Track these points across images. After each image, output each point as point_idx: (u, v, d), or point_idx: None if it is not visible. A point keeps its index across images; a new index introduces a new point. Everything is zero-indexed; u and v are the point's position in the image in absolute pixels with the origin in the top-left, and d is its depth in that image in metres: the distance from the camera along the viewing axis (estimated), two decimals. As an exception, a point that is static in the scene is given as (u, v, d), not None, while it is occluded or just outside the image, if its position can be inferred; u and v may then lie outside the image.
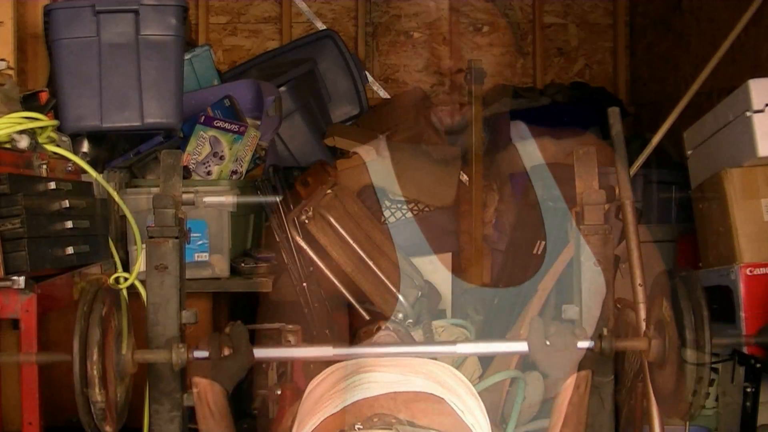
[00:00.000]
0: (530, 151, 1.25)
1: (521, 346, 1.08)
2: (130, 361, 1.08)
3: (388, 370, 1.10)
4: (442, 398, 1.05)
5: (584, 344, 1.08)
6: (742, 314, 1.77)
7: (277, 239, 1.21)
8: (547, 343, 1.07)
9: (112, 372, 1.02)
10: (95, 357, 0.98)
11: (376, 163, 1.21)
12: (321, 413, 1.04)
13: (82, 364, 0.98)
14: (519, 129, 1.27)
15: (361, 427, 0.96)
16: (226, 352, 1.09)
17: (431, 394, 1.04)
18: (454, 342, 1.11)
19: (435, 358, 1.15)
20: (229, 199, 1.30)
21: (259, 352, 1.11)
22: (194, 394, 1.10)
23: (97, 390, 0.97)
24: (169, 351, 1.09)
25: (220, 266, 1.95)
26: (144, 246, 1.20)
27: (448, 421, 1.02)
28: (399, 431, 0.94)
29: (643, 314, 1.26)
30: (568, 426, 1.04)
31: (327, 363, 1.17)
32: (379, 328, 1.22)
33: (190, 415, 1.19)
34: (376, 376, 1.08)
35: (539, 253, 1.26)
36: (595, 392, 1.17)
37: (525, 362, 1.21)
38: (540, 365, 1.12)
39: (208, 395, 1.09)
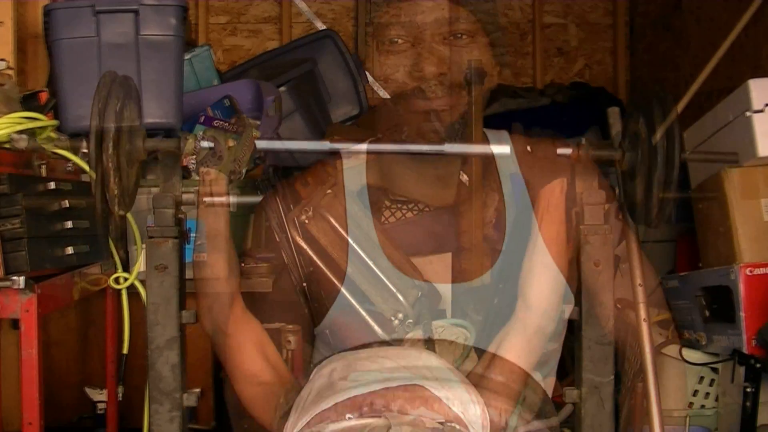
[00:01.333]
0: (509, 163, 1.26)
1: (504, 149, 1.13)
2: (141, 149, 1.08)
3: (380, 366, 1.10)
4: (437, 395, 1.05)
5: (564, 151, 1.10)
6: (742, 314, 1.77)
7: (277, 239, 1.21)
8: (528, 149, 1.11)
9: (125, 161, 1.03)
10: (110, 151, 0.99)
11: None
12: (313, 410, 1.04)
13: (98, 160, 0.99)
14: (500, 137, 1.28)
15: (351, 416, 0.96)
16: (231, 143, 1.12)
17: (423, 387, 1.05)
18: (441, 143, 1.15)
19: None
20: (229, 199, 1.30)
21: (261, 143, 1.14)
22: (200, 181, 1.11)
23: (112, 180, 0.98)
24: (177, 140, 1.10)
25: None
26: (144, 246, 1.20)
27: (439, 411, 1.02)
28: (388, 419, 0.95)
29: (643, 314, 1.26)
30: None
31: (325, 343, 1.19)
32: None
33: (190, 415, 1.19)
34: (368, 375, 1.08)
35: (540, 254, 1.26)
36: (595, 392, 1.17)
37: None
38: (523, 173, 1.18)
39: (213, 186, 1.10)
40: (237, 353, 1.20)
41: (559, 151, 1.13)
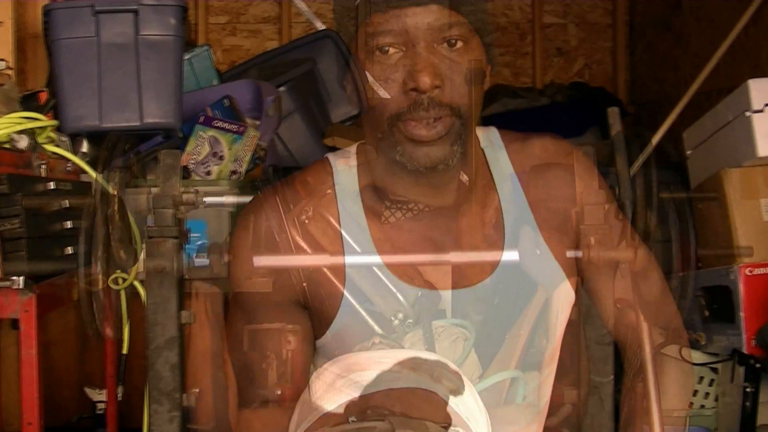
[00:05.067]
0: (503, 162, 1.25)
1: (513, 255, 1.10)
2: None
3: (382, 368, 1.10)
4: (436, 393, 1.05)
5: (573, 254, 1.09)
6: (742, 314, 1.77)
7: (277, 239, 1.21)
8: (538, 252, 1.08)
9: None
10: (100, 253, 0.98)
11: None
12: (316, 412, 1.04)
13: (87, 261, 0.97)
14: (490, 135, 1.25)
15: (354, 419, 0.96)
16: (226, 258, 1.09)
17: (426, 389, 1.05)
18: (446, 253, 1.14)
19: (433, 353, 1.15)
20: (229, 199, 1.30)
21: (259, 260, 1.12)
22: (192, 297, 1.10)
23: (100, 287, 0.97)
24: (171, 259, 1.09)
25: (220, 266, 1.95)
26: (143, 246, 1.20)
27: (443, 415, 1.02)
28: (392, 422, 0.94)
29: (642, 318, 1.26)
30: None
31: (327, 358, 1.18)
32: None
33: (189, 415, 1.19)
34: (370, 375, 1.08)
35: (539, 253, 1.26)
36: (595, 392, 1.17)
37: (525, 362, 1.21)
38: (530, 273, 1.13)
39: (207, 300, 1.09)
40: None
41: (569, 254, 1.10)
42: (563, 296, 1.20)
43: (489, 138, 1.26)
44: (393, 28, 1.07)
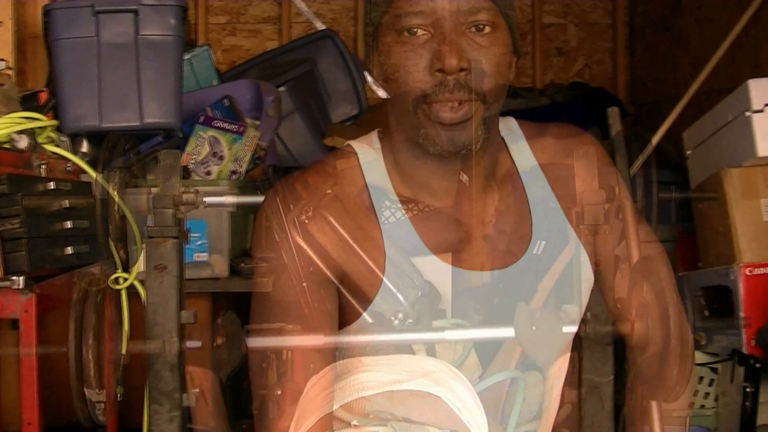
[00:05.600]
0: (523, 151, 1.25)
1: (508, 332, 1.09)
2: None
3: (383, 370, 1.09)
4: (439, 396, 1.05)
5: (570, 329, 1.08)
6: (742, 314, 1.77)
7: (277, 239, 1.21)
8: (534, 328, 1.07)
9: (109, 363, 1.01)
10: (90, 341, 0.97)
11: (376, 163, 1.21)
12: (317, 413, 1.04)
13: (77, 350, 0.97)
14: (509, 123, 1.25)
15: (356, 423, 0.96)
16: (219, 341, 1.09)
17: (427, 392, 1.04)
18: (442, 328, 1.12)
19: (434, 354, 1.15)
20: (229, 199, 1.30)
21: (252, 341, 1.11)
22: (188, 382, 1.10)
23: (92, 375, 0.97)
24: (162, 342, 1.09)
25: (220, 266, 1.95)
26: (143, 246, 1.20)
27: (445, 419, 1.02)
28: (394, 428, 0.94)
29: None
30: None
31: (327, 362, 1.17)
32: None
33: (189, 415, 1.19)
34: (371, 376, 1.08)
35: (539, 253, 1.26)
36: (595, 392, 1.17)
37: (525, 362, 1.21)
38: (527, 350, 1.12)
39: (202, 384, 1.08)
40: None
41: (566, 329, 1.08)
42: (587, 284, 1.20)
43: (508, 126, 1.26)
44: (422, 9, 1.08)
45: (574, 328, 1.05)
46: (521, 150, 1.23)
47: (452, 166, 1.15)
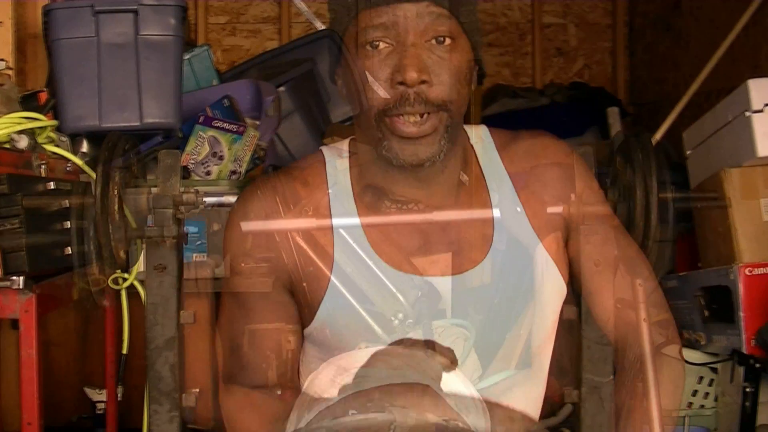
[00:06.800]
0: (492, 159, 1.26)
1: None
2: None
3: (381, 366, 1.10)
4: (437, 393, 1.05)
5: (555, 209, 1.15)
6: (742, 314, 1.77)
7: (277, 239, 1.21)
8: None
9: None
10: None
11: (342, 170, 1.21)
12: (316, 408, 1.04)
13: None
14: (480, 132, 1.26)
15: (355, 412, 0.96)
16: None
17: (426, 386, 1.05)
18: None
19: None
20: (229, 199, 1.30)
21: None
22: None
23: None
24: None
25: (220, 266, 1.95)
26: (143, 246, 1.20)
27: (443, 413, 1.02)
28: (393, 413, 0.94)
29: (643, 314, 1.26)
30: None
31: (316, 347, 1.18)
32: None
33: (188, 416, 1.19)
34: (369, 371, 1.08)
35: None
36: (595, 392, 1.17)
37: (525, 362, 1.21)
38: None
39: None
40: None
41: (550, 209, 1.13)
42: (554, 289, 1.20)
43: (479, 135, 1.26)
44: (383, 22, 1.09)
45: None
46: (491, 158, 1.24)
47: (416, 177, 1.16)
